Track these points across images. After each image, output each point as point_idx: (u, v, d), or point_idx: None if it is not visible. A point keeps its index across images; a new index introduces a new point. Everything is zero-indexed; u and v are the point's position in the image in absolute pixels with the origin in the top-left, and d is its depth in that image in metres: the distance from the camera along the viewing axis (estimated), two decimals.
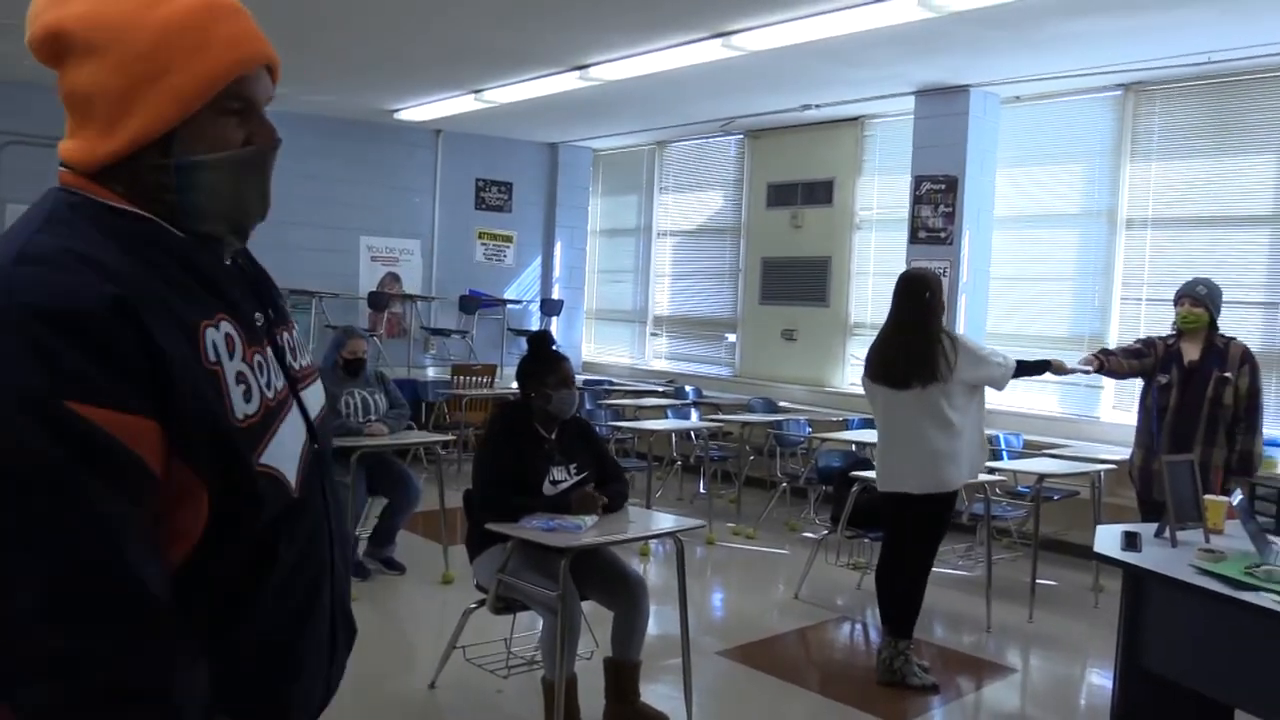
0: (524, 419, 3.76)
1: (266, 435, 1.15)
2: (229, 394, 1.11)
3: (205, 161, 1.15)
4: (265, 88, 1.21)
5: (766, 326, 9.16)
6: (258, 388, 1.16)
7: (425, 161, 9.94)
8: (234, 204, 1.19)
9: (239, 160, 1.18)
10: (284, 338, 1.28)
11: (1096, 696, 4.43)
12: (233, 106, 1.16)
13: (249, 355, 1.16)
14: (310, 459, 1.23)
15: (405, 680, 4.14)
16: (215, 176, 1.16)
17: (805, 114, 8.19)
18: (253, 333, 1.19)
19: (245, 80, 1.17)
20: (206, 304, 1.13)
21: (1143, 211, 6.75)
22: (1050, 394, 7.24)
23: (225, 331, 1.14)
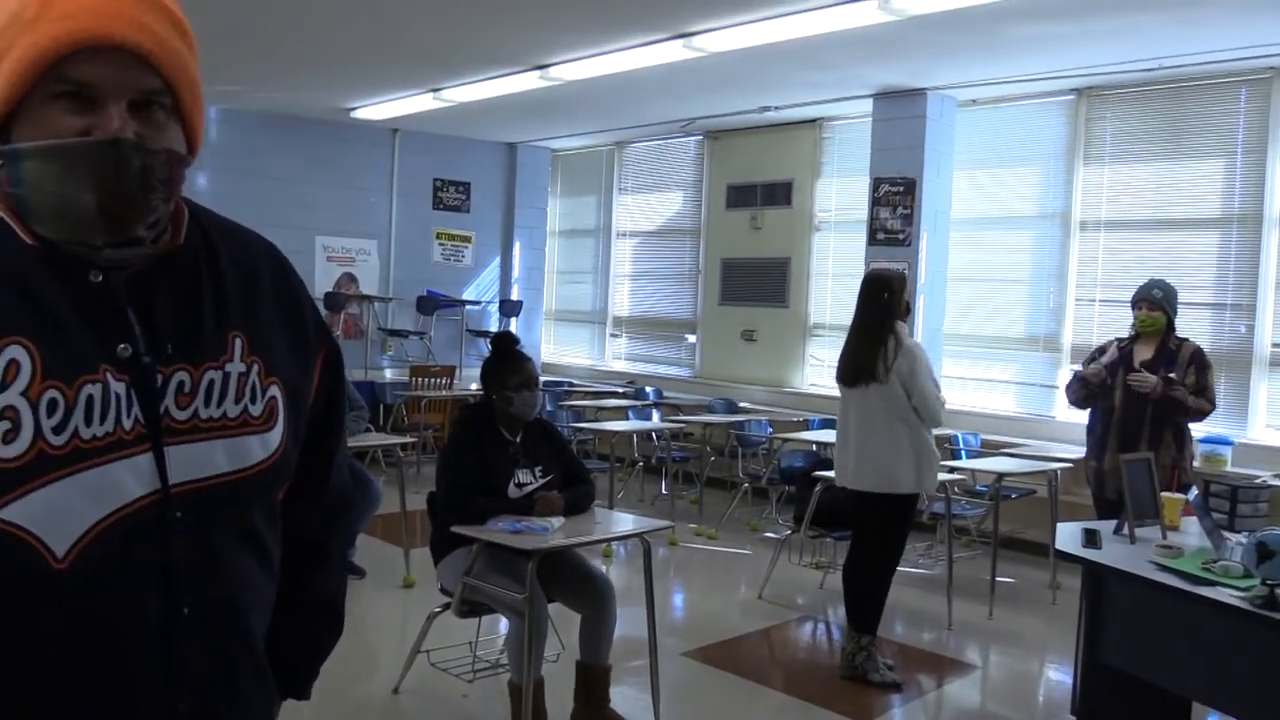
0: (488, 421, 3.73)
1: (24, 486, 0.94)
2: None
3: (23, 150, 1.01)
4: (113, 74, 1.01)
5: (726, 327, 9.18)
6: (33, 428, 0.96)
7: (382, 161, 9.84)
8: (59, 205, 1.01)
9: (59, 151, 1.00)
10: (176, 378, 1.06)
11: (1055, 691, 4.50)
12: (61, 90, 1.00)
13: (36, 390, 0.96)
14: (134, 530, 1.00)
15: (368, 686, 4.08)
16: (33, 167, 1.00)
17: (765, 115, 8.22)
18: (71, 363, 0.99)
19: (76, 61, 0.99)
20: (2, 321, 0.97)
21: (1095, 214, 6.87)
22: (1007, 394, 7.34)
23: (10, 358, 0.96)
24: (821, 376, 8.52)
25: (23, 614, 0.96)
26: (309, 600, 1.32)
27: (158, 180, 1.03)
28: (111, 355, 1.02)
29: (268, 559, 1.17)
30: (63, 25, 0.99)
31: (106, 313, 1.03)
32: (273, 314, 1.17)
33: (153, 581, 1.02)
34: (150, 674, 1.02)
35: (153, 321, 1.05)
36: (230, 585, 1.09)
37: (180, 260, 1.10)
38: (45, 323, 0.99)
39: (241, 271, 1.16)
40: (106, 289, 1.04)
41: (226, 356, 1.10)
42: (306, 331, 1.23)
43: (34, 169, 1.01)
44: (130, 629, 1.01)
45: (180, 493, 1.03)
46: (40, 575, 0.96)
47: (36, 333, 0.98)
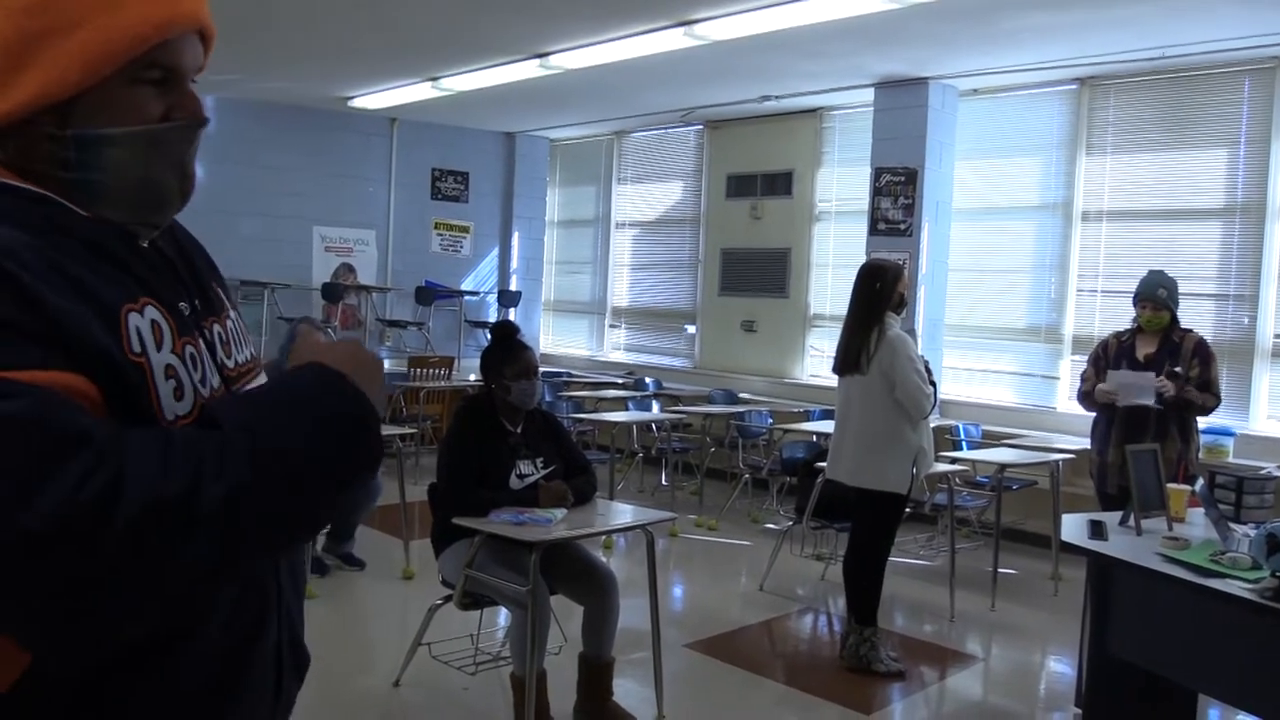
0: (489, 412, 3.70)
1: None
2: (157, 390, 0.95)
3: (111, 136, 0.98)
4: (194, 56, 1.02)
5: (726, 318, 9.15)
6: (190, 384, 0.98)
7: (380, 150, 9.79)
8: (142, 188, 1.01)
9: (153, 136, 0.99)
10: (214, 330, 1.09)
11: (1058, 683, 4.49)
12: (151, 75, 0.99)
13: (179, 346, 0.99)
14: None
15: (369, 678, 4.06)
16: (121, 154, 0.98)
17: (765, 105, 8.18)
18: (183, 322, 1.02)
19: (170, 46, 0.99)
20: (126, 287, 0.96)
21: (1098, 204, 6.83)
22: (1007, 385, 7.32)
23: (151, 318, 0.97)
24: (822, 367, 8.48)
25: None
26: None
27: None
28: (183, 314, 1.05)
29: None
30: (162, 10, 0.98)
31: (167, 276, 1.06)
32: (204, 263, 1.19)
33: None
34: (269, 605, 1.10)
35: (181, 280, 1.09)
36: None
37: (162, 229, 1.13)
38: (149, 287, 1.00)
39: (183, 233, 1.19)
40: (152, 255, 1.06)
41: (226, 307, 1.16)
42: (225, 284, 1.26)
43: (121, 154, 0.99)
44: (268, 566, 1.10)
45: None
46: None
47: (154, 295, 0.99)
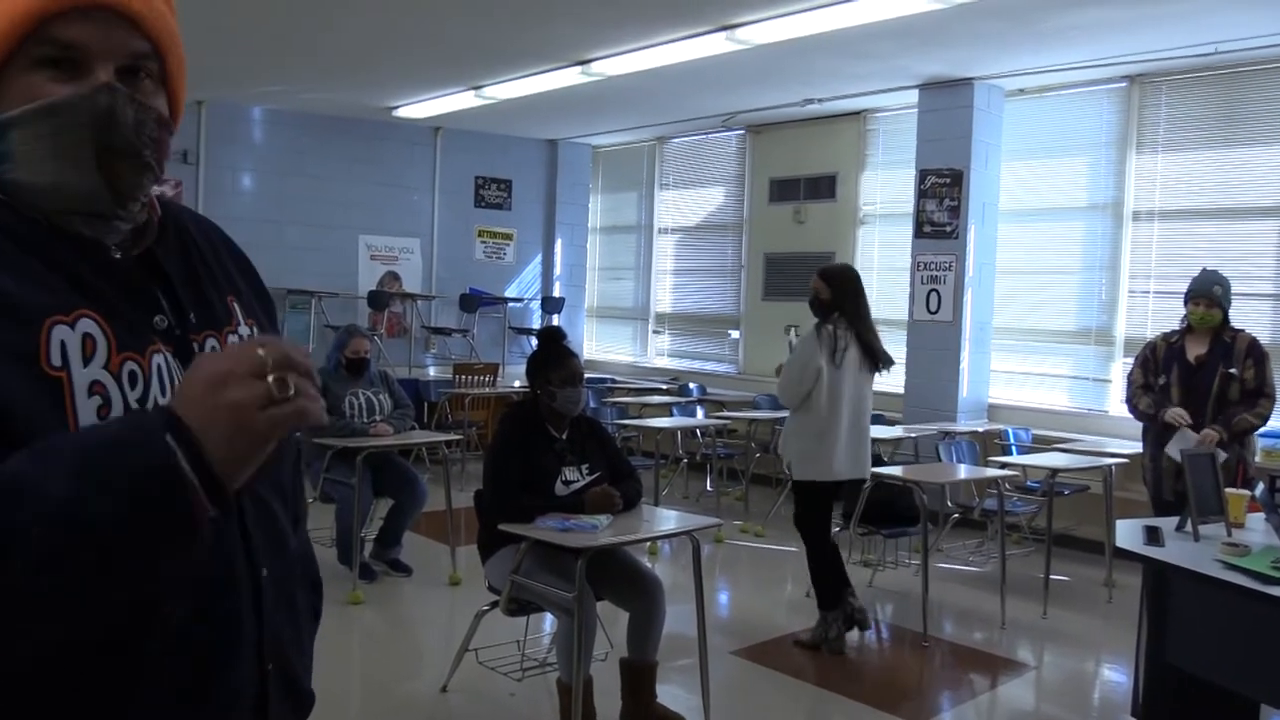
0: (534, 419, 3.71)
1: None
2: (74, 406, 0.89)
3: (8, 119, 0.94)
4: (104, 36, 0.95)
5: (770, 323, 9.10)
6: (122, 402, 0.93)
7: (424, 159, 9.88)
8: (58, 173, 0.94)
9: (50, 110, 0.93)
10: (206, 344, 1.04)
11: (1113, 692, 4.40)
12: (43, 54, 0.93)
13: (115, 363, 0.93)
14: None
15: (416, 684, 4.08)
16: (24, 136, 0.94)
17: (807, 108, 8.14)
18: (135, 337, 0.96)
19: (62, 22, 0.93)
20: (63, 298, 0.92)
21: (1149, 204, 6.71)
22: (1059, 389, 7.20)
23: (84, 331, 0.91)
24: None
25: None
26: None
27: (149, 138, 0.99)
28: (153, 328, 1.00)
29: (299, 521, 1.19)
30: None
31: (135, 287, 1.00)
32: (242, 280, 1.16)
33: (238, 546, 1.02)
34: (249, 635, 1.03)
35: (173, 293, 1.03)
36: (286, 546, 1.11)
37: (169, 236, 1.07)
38: (98, 298, 0.95)
39: (208, 241, 1.14)
40: (128, 264, 1.01)
41: (235, 321, 1.10)
42: (267, 296, 1.22)
43: (24, 138, 0.94)
44: (232, 593, 1.01)
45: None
46: None
47: (97, 307, 0.94)
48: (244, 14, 5.75)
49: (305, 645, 1.16)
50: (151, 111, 0.99)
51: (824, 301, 4.67)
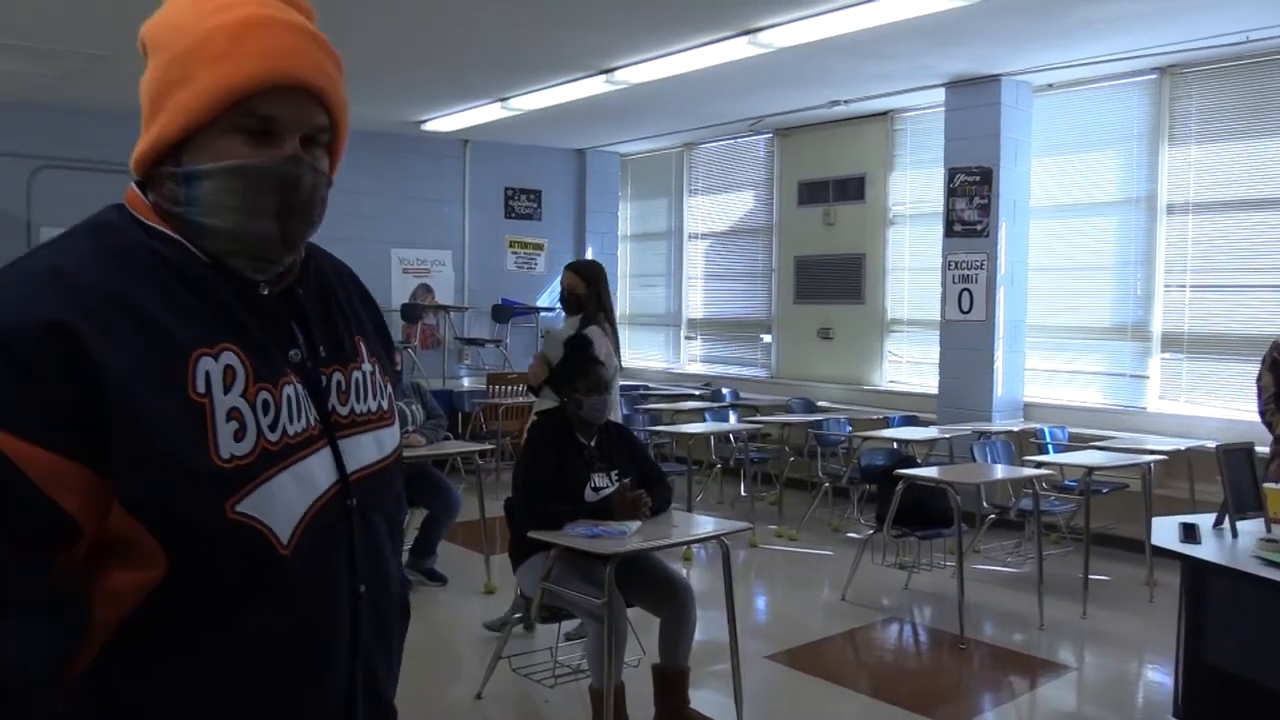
0: (563, 426, 3.73)
1: (254, 481, 1.02)
2: (215, 430, 1.01)
3: (202, 170, 1.06)
4: (298, 112, 1.08)
5: (802, 326, 9.08)
6: (255, 427, 1.04)
7: (454, 172, 9.97)
8: (239, 223, 1.07)
9: (243, 170, 1.06)
10: (334, 377, 1.16)
11: (1156, 693, 4.33)
12: (248, 124, 1.07)
13: (252, 392, 1.05)
14: (328, 516, 1.09)
15: (452, 691, 4.11)
16: (212, 187, 1.06)
17: (834, 110, 8.12)
18: (271, 368, 1.08)
19: (264, 98, 1.06)
20: (211, 331, 1.04)
21: (1183, 196, 6.62)
22: (1095, 386, 7.12)
23: (226, 363, 1.03)
24: (901, 373, 8.37)
25: (252, 596, 1.04)
26: None
27: (319, 199, 1.13)
28: (288, 361, 1.11)
29: (398, 544, 1.28)
30: (258, 63, 1.06)
31: (277, 322, 1.12)
32: (368, 321, 1.28)
33: (343, 563, 1.11)
34: (341, 648, 1.12)
35: (308, 329, 1.15)
36: (386, 565, 1.21)
37: (308, 276, 1.19)
38: (242, 332, 1.07)
39: (341, 282, 1.26)
40: (273, 301, 1.13)
41: (359, 357, 1.21)
42: (387, 335, 1.34)
43: (215, 189, 1.07)
44: (332, 608, 1.10)
45: (354, 480, 1.14)
46: (270, 560, 1.04)
47: (239, 340, 1.06)
48: None
49: (394, 662, 1.25)
50: (324, 176, 1.13)
51: (579, 297, 4.58)
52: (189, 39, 1.07)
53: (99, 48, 6.33)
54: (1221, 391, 6.44)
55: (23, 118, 7.89)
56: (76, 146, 8.07)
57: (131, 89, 1.17)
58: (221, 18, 1.07)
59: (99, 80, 7.15)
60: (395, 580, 1.23)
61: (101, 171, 8.20)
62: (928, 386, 7.72)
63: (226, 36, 1.06)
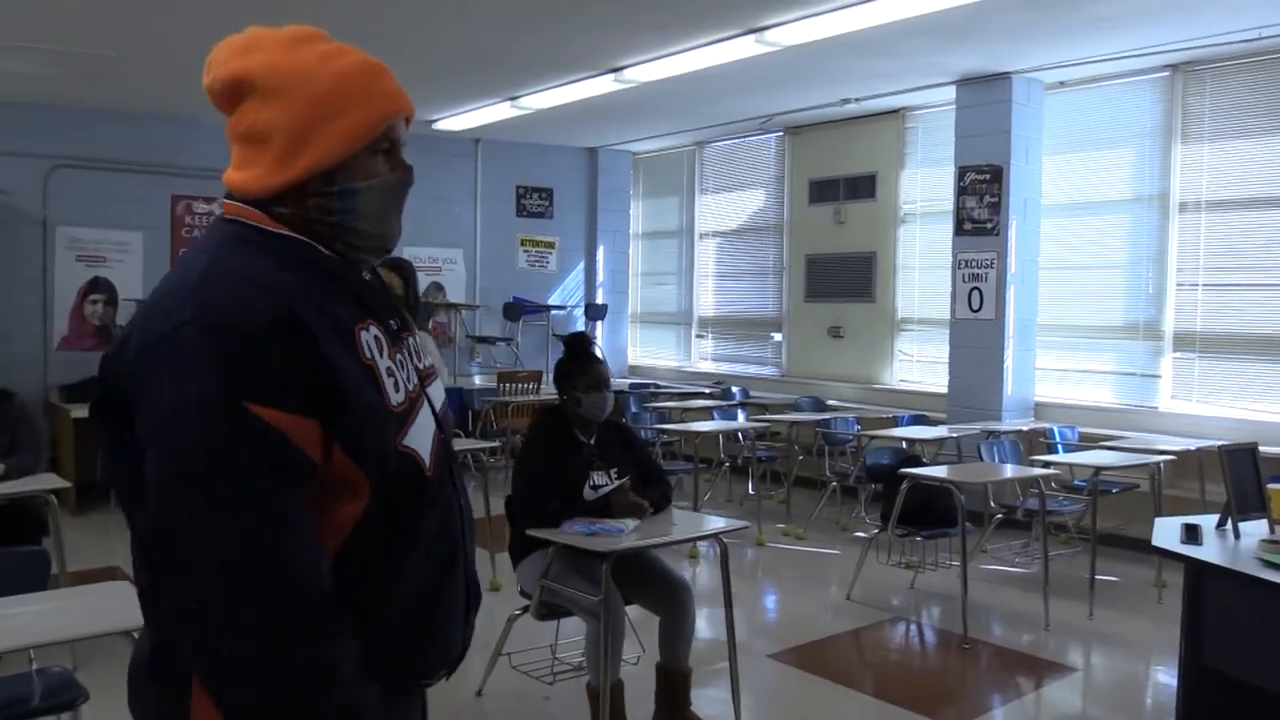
0: (562, 424, 3.73)
1: (409, 422, 1.33)
2: (384, 384, 1.31)
3: (362, 188, 1.35)
4: (405, 133, 1.42)
5: (813, 325, 9.06)
6: (403, 381, 1.35)
7: (465, 170, 9.99)
8: (381, 225, 1.38)
9: (387, 186, 1.38)
10: (410, 342, 1.44)
11: (1163, 695, 4.29)
12: (383, 146, 1.38)
13: (392, 354, 1.35)
14: (439, 446, 1.40)
15: (452, 687, 4.10)
16: (368, 201, 1.36)
17: (845, 108, 8.09)
18: (392, 335, 1.38)
19: (395, 126, 1.39)
20: (356, 311, 1.33)
21: (1196, 195, 6.56)
22: (1107, 386, 7.07)
23: (374, 334, 1.33)
24: (912, 372, 8.34)
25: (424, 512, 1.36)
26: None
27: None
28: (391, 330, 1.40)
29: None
30: (391, 102, 1.38)
31: (379, 299, 1.42)
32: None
33: (451, 484, 1.43)
34: (460, 550, 1.44)
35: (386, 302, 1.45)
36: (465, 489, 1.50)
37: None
38: (370, 309, 1.36)
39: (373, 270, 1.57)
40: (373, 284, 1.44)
41: (414, 327, 1.51)
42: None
43: (368, 200, 1.36)
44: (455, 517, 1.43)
45: (439, 419, 1.44)
46: (423, 481, 1.35)
47: (372, 315, 1.36)
48: None
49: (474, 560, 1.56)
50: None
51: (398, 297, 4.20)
52: (321, 83, 1.33)
53: (112, 50, 6.38)
54: (1234, 391, 6.39)
55: (39, 118, 7.96)
56: (91, 146, 8.14)
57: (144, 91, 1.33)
58: (344, 63, 1.36)
59: (113, 82, 7.20)
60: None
61: (115, 171, 8.29)
62: (939, 386, 7.69)
63: (361, 80, 1.36)
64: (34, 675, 2.95)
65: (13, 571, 3.03)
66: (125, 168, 8.28)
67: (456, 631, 1.46)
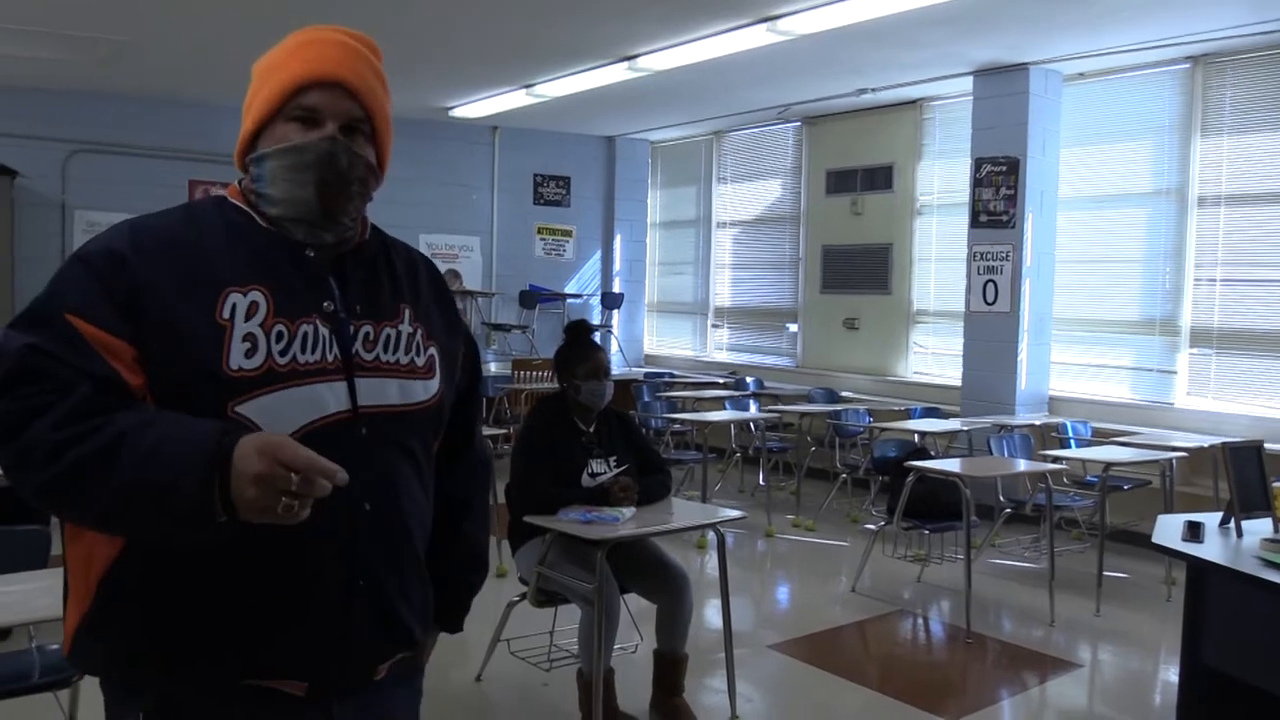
0: (562, 411, 3.73)
1: (257, 391, 1.29)
2: (229, 347, 1.29)
3: (267, 153, 1.38)
4: (334, 103, 1.39)
5: (828, 316, 9.02)
6: (266, 350, 1.30)
7: (483, 158, 10.00)
8: (289, 192, 1.37)
9: (292, 151, 1.36)
10: (361, 329, 1.40)
11: (1169, 693, 4.25)
12: (294, 114, 1.38)
13: (269, 323, 1.31)
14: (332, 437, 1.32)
15: (453, 673, 4.14)
16: (273, 167, 1.37)
17: (862, 99, 8.03)
18: (293, 309, 1.34)
19: (307, 93, 1.37)
20: (247, 275, 1.33)
21: (1215, 189, 6.47)
22: (1120, 380, 7.00)
23: (252, 299, 1.32)
24: (926, 364, 8.29)
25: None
26: (458, 546, 1.64)
27: (357, 178, 1.40)
28: (319, 308, 1.37)
29: (424, 483, 1.49)
30: (303, 67, 1.39)
31: (316, 279, 1.39)
32: (430, 299, 1.54)
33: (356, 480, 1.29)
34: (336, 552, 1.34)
35: (346, 289, 1.42)
36: (396, 494, 1.42)
37: (364, 250, 1.47)
38: (277, 279, 1.35)
39: (406, 265, 1.53)
40: (317, 262, 1.40)
41: (399, 319, 1.46)
42: (456, 319, 1.61)
43: (273, 166, 1.38)
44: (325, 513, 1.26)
45: (365, 413, 1.38)
46: None
47: (271, 285, 1.34)
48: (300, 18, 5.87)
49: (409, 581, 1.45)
50: (360, 159, 1.41)
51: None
52: (267, 57, 1.43)
53: (129, 35, 6.42)
54: (1251, 388, 6.31)
55: (57, 103, 8.03)
56: (109, 131, 8.21)
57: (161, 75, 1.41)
58: (292, 38, 1.42)
59: (130, 67, 7.25)
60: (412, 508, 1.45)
61: (133, 155, 8.36)
62: (954, 379, 7.64)
63: (285, 54, 1.41)
64: (34, 652, 2.98)
65: (14, 550, 3.06)
66: (143, 152, 8.35)
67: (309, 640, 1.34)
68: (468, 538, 1.67)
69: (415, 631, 1.48)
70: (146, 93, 8.22)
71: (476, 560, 1.70)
